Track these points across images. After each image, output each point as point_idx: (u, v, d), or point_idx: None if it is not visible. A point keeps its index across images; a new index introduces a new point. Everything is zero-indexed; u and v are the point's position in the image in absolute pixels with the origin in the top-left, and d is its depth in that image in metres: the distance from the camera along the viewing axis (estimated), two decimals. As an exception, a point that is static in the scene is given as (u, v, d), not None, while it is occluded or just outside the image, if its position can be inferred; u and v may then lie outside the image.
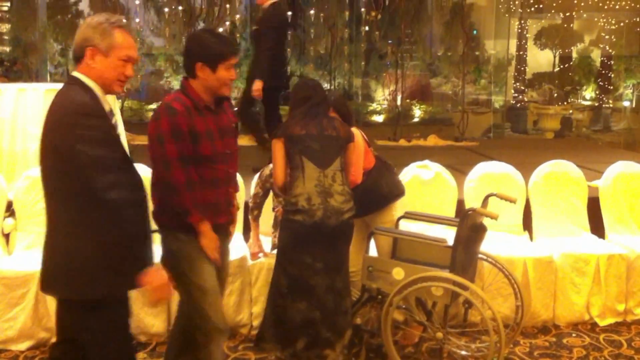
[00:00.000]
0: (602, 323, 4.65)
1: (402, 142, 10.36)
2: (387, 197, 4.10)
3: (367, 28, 15.77)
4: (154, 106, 13.12)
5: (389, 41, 15.04)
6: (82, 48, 2.57)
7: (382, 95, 15.06)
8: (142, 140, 9.16)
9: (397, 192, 4.18)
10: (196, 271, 3.02)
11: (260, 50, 6.07)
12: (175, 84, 13.48)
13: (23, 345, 4.18)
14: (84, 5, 13.74)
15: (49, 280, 2.59)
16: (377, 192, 4.08)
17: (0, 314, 4.14)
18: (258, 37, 6.23)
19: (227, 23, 14.00)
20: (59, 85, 2.78)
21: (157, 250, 2.71)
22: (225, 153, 3.09)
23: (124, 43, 2.57)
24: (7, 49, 13.04)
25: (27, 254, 4.41)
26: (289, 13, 12.33)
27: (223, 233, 3.17)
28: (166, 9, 13.41)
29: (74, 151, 2.39)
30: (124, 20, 2.63)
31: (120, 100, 11.45)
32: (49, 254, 2.58)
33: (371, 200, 4.04)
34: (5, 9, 13.80)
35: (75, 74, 2.60)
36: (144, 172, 4.49)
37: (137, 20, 13.63)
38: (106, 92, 2.61)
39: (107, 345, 2.58)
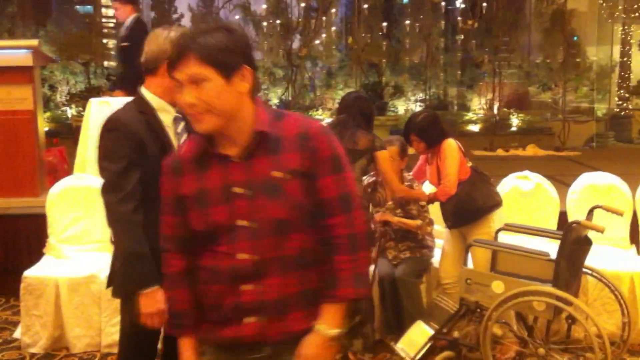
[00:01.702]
0: None
1: (500, 152, 10.18)
2: (482, 209, 4.05)
3: (462, 37, 15.62)
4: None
5: (485, 50, 14.83)
6: (158, 60, 2.53)
7: (478, 105, 14.86)
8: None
9: (493, 203, 4.11)
10: None
11: (126, 66, 6.16)
12: (272, 96, 13.75)
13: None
14: (186, 21, 14.26)
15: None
16: (472, 203, 4.04)
17: (108, 319, 4.32)
18: (124, 53, 6.25)
19: (324, 35, 14.19)
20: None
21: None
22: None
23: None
24: (114, 63, 13.70)
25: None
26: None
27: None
28: (264, 23, 13.72)
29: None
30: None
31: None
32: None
33: (466, 211, 4.02)
34: (112, 25, 14.50)
35: (141, 88, 2.61)
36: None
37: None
38: (169, 102, 2.56)
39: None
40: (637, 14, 15.87)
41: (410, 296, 4.26)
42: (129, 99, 2.67)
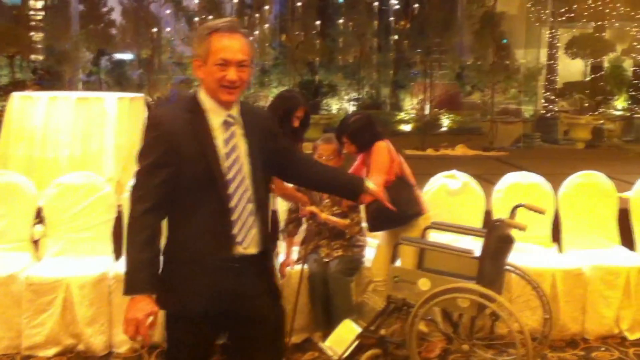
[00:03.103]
0: (632, 337, 4.56)
1: (430, 152, 10.32)
2: (402, 217, 3.98)
3: (396, 37, 15.78)
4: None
5: (418, 50, 15.03)
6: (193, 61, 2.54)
7: (410, 105, 15.05)
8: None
9: (413, 212, 4.09)
10: None
11: None
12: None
13: (50, 352, 4.22)
14: (116, 15, 13.96)
15: None
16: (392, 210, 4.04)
17: (29, 320, 4.18)
18: None
19: (257, 33, 14.11)
20: (91, 94, 2.81)
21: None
22: None
23: (218, 46, 2.40)
24: (41, 57, 13.30)
25: (56, 261, 4.48)
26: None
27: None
28: (197, 18, 13.55)
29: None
30: (231, 22, 2.48)
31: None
32: None
33: (386, 217, 3.99)
34: (40, 18, 14.08)
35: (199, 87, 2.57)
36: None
37: (168, 29, 13.80)
38: (219, 103, 2.46)
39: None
40: (564, 18, 16.36)
41: (341, 294, 4.27)
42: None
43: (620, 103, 15.67)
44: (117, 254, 4.60)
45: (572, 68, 16.82)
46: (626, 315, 4.58)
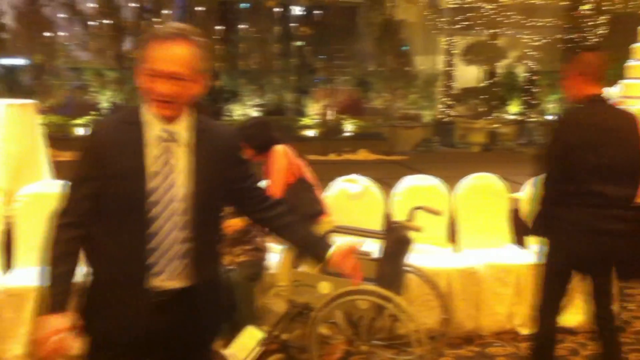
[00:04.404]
0: (524, 332, 4.74)
1: (332, 157, 10.44)
2: (304, 218, 4.06)
3: (298, 43, 15.86)
4: (79, 121, 12.84)
5: (321, 56, 15.16)
6: None
7: (313, 110, 15.16)
8: (66, 156, 8.95)
9: (313, 212, 4.16)
10: None
11: None
12: (102, 98, 13.23)
13: None
14: (8, 19, 13.39)
15: None
16: (294, 212, 4.08)
17: None
18: None
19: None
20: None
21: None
22: None
23: (151, 55, 2.14)
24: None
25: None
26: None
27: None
28: (92, 23, 13.16)
29: None
30: (177, 29, 2.18)
31: (43, 115, 11.14)
32: None
33: None
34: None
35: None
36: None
37: (62, 34, 13.33)
38: (157, 115, 2.19)
39: None
40: (460, 26, 16.93)
41: (245, 300, 4.24)
42: None
43: (513, 108, 16.36)
44: (7, 267, 4.40)
45: (468, 74, 17.43)
46: (518, 312, 4.76)
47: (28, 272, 4.10)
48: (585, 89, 3.49)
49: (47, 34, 12.68)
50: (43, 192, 4.43)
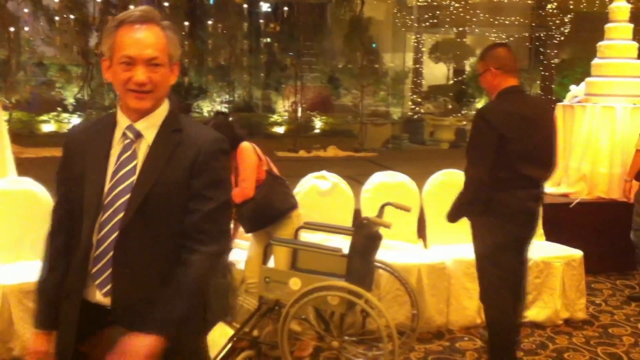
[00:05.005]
0: (493, 326, 4.80)
1: (302, 153, 10.44)
2: (280, 212, 4.10)
3: (267, 40, 15.81)
4: (44, 117, 12.64)
5: (290, 53, 15.14)
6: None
7: (282, 107, 15.13)
8: (32, 153, 8.82)
9: (289, 206, 4.18)
10: None
11: None
12: (68, 94, 13.04)
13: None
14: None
15: None
16: (269, 207, 4.08)
17: None
18: None
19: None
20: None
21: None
22: None
23: (123, 41, 1.94)
24: None
25: None
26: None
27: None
28: (57, 18, 12.96)
29: None
30: (144, 11, 1.98)
31: (7, 112, 10.95)
32: None
33: (263, 215, 4.06)
34: None
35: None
36: (36, 189, 4.33)
37: (27, 29, 13.11)
38: (127, 112, 2.01)
39: None
40: (428, 24, 17.03)
41: (215, 297, 4.21)
42: None
43: (481, 105, 16.51)
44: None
45: (436, 72, 17.58)
46: (487, 306, 4.81)
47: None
48: (504, 81, 3.70)
49: (11, 29, 12.46)
50: (7, 189, 4.35)
